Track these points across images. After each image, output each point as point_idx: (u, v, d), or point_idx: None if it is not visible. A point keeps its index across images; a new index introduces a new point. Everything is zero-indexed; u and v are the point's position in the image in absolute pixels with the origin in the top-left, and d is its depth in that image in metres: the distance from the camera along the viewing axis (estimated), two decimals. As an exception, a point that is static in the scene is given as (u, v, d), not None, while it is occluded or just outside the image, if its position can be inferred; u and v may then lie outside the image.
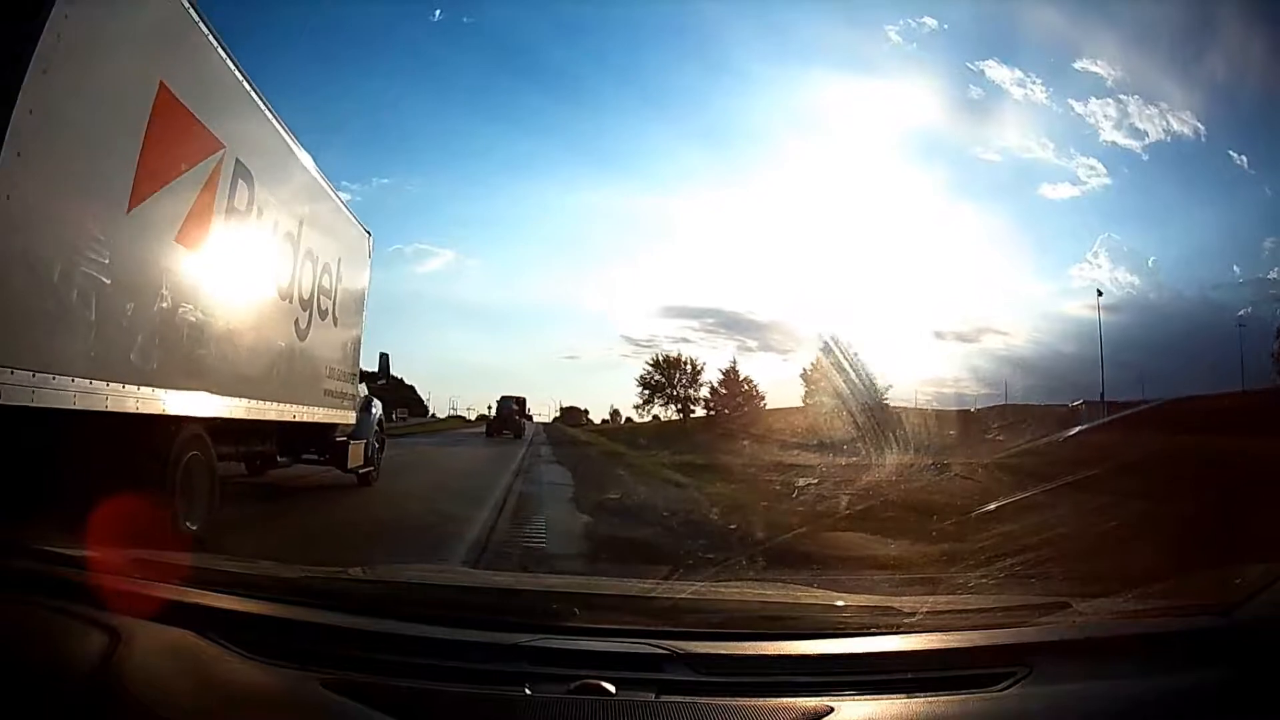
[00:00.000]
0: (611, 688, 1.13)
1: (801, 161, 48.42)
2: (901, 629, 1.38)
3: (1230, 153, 26.39)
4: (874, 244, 46.46)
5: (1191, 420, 8.12)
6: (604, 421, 54.38)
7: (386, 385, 9.76)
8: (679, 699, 1.13)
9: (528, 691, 1.14)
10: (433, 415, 53.87)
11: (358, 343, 8.33)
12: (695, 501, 8.28)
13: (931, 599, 1.80)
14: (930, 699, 1.14)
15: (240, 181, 4.99)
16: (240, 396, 5.20)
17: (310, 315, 6.65)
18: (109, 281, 3.56)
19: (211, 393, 4.71)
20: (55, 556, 1.51)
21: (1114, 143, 29.72)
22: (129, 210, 3.71)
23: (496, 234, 68.11)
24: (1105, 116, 29.85)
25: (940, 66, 36.95)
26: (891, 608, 1.50)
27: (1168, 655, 1.25)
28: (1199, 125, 25.90)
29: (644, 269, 67.85)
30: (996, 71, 30.03)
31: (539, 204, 62.39)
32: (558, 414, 57.20)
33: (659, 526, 6.45)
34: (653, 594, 1.86)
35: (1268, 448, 5.78)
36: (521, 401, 34.09)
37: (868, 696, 1.16)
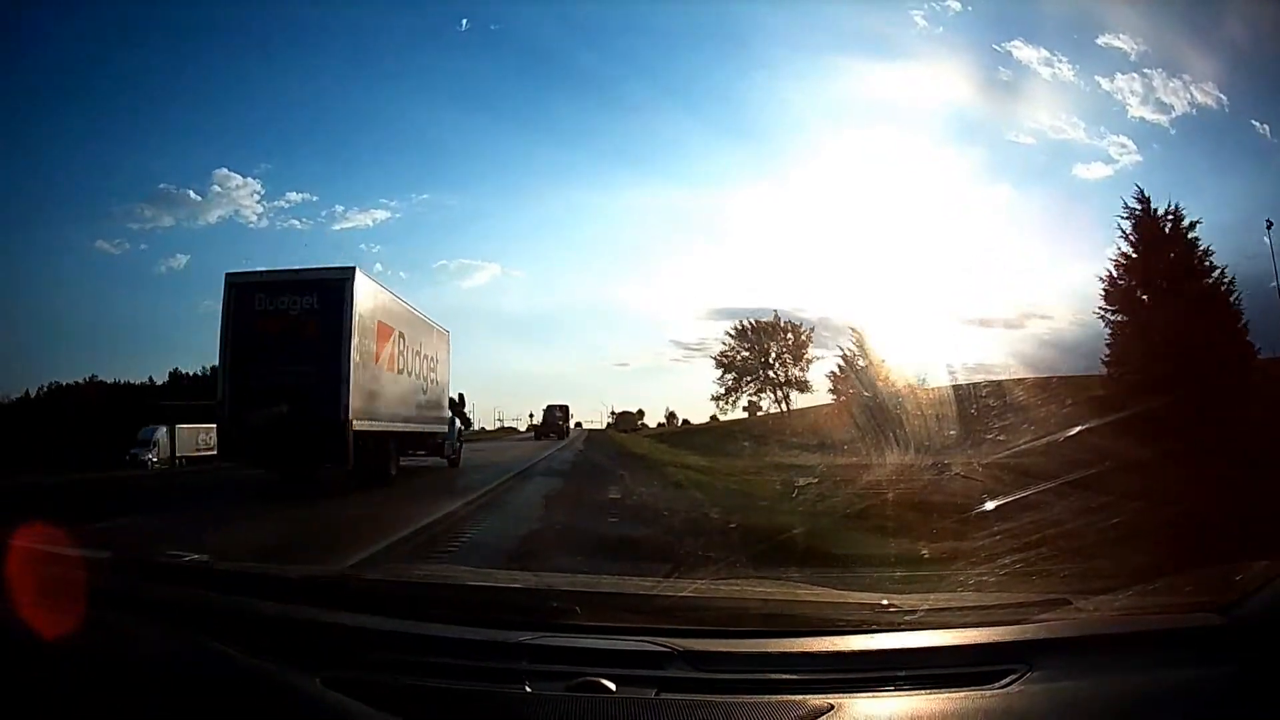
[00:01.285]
0: (612, 685, 1.13)
1: (839, 153, 47.37)
2: (902, 626, 1.38)
3: (1254, 122, 26.05)
4: (915, 232, 44.73)
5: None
6: (660, 425, 51.51)
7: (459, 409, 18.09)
8: (679, 696, 1.13)
9: (528, 689, 1.14)
10: (481, 428, 52.09)
11: (447, 390, 16.04)
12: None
13: (932, 596, 1.80)
14: (930, 696, 1.14)
15: (403, 339, 12.82)
16: (403, 422, 12.73)
17: (425, 382, 14.33)
18: (374, 388, 11.42)
19: (395, 422, 12.17)
20: (57, 558, 1.51)
21: (1142, 118, 29.52)
22: (376, 363, 11.48)
23: (539, 245, 67.59)
24: (1132, 92, 29.73)
25: (968, 49, 37.43)
26: (892, 605, 1.49)
27: (1168, 652, 1.25)
28: (1222, 96, 25.60)
29: (690, 272, 66.56)
30: (1023, 51, 29.96)
31: (580, 212, 60.91)
32: (610, 419, 54.62)
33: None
34: (653, 592, 1.86)
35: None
36: (565, 409, 43.16)
37: (868, 694, 1.15)
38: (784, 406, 32.62)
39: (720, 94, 46.31)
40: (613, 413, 55.78)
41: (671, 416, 54.15)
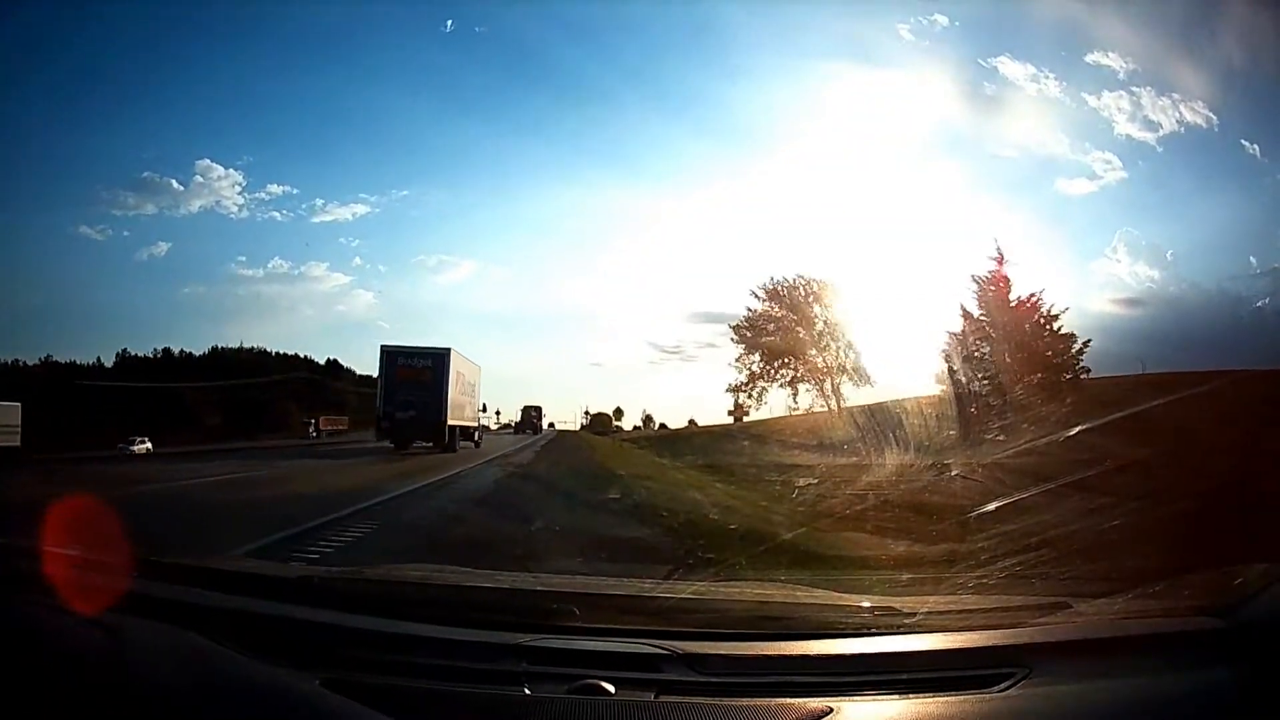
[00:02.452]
0: (611, 688, 1.13)
1: (821, 162, 47.87)
2: (902, 629, 1.38)
3: (1243, 142, 25.71)
4: (896, 242, 44.05)
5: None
6: (635, 429, 51.00)
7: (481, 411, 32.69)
8: (678, 699, 1.13)
9: (527, 691, 1.14)
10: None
11: (478, 400, 31.07)
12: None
13: (932, 599, 1.80)
14: (930, 699, 1.14)
15: (460, 375, 26.82)
16: (461, 420, 26.91)
17: (468, 398, 28.32)
18: (453, 403, 25.35)
19: (459, 421, 26.27)
20: (57, 558, 1.51)
21: (1129, 136, 29.18)
22: (457, 390, 26.05)
23: (518, 243, 69.03)
24: (1119, 109, 29.07)
25: (954, 64, 37.42)
26: (892, 608, 1.49)
27: (1167, 655, 1.25)
28: (1211, 115, 25.29)
29: (669, 274, 66.64)
30: (1009, 67, 29.66)
31: (560, 212, 61.89)
32: (584, 420, 54.34)
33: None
34: (653, 594, 1.86)
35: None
36: (539, 409, 50.61)
37: (867, 697, 1.15)
38: (835, 403, 22.89)
39: (706, 99, 47.11)
40: (586, 413, 55.70)
41: (648, 420, 53.86)
